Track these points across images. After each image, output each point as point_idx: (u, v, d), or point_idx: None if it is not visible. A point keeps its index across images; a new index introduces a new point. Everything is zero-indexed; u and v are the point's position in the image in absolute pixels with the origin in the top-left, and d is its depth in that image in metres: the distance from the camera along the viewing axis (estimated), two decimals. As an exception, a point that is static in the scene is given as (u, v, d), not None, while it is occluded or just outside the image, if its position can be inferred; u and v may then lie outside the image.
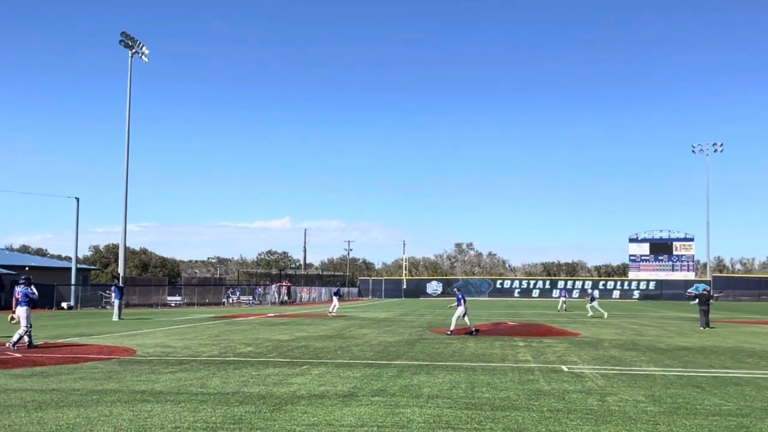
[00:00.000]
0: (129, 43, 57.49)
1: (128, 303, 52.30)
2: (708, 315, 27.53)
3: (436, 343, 19.44)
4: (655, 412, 9.13)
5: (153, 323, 29.35)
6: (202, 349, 17.40)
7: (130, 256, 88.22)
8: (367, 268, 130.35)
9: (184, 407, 9.23)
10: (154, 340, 20.42)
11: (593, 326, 28.07)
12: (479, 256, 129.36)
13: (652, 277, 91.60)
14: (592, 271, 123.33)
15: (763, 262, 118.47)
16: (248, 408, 9.18)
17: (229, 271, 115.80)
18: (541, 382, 11.74)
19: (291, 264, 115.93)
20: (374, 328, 26.43)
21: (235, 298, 61.31)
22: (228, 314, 39.47)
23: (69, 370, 13.21)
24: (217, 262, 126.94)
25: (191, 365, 14.02)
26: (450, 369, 13.50)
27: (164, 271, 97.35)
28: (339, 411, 8.99)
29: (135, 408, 9.16)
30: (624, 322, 32.16)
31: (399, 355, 16.19)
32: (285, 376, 12.40)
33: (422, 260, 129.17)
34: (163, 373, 12.70)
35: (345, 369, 13.43)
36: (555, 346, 18.44)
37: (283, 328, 25.62)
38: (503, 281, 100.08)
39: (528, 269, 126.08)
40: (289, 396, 10.17)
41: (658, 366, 14.34)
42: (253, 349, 17.46)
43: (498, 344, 18.92)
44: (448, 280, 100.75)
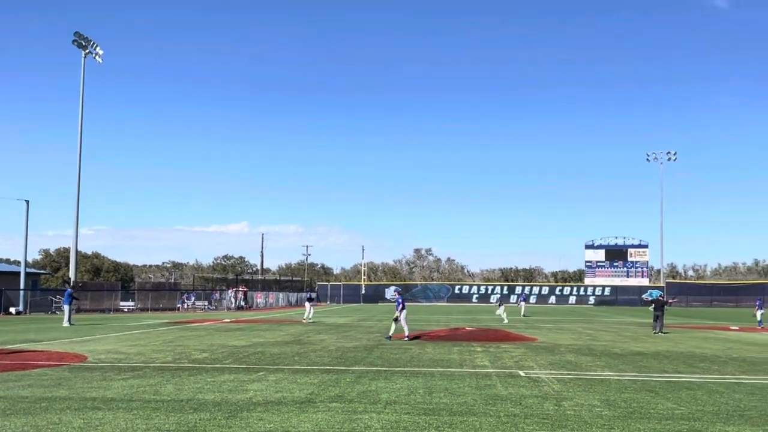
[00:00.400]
0: (82, 44, 56.38)
1: (79, 308, 51.17)
2: (662, 320, 28.22)
3: (394, 348, 19.42)
4: (609, 416, 9.24)
5: (105, 329, 28.73)
6: (156, 356, 17.08)
7: (81, 260, 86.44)
8: (326, 273, 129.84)
9: (136, 414, 9.03)
10: (106, 346, 19.99)
11: (550, 331, 28.38)
12: (438, 261, 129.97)
13: (608, 282, 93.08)
14: (549, 277, 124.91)
15: (715, 268, 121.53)
16: (203, 415, 9.02)
17: (184, 276, 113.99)
18: (499, 387, 11.79)
19: (248, 269, 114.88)
20: (332, 333, 26.30)
21: (190, 304, 60.43)
22: (183, 320, 38.85)
23: (17, 377, 12.82)
24: (172, 266, 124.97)
25: (144, 372, 13.74)
26: (408, 375, 13.47)
27: (117, 275, 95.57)
28: (296, 417, 8.89)
29: (85, 416, 8.94)
30: (580, 327, 32.60)
31: (357, 360, 16.11)
32: (241, 382, 12.23)
33: (381, 265, 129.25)
34: (115, 380, 12.42)
35: (302, 375, 13.31)
36: (512, 352, 18.57)
37: (239, 334, 25.32)
38: (462, 287, 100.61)
39: (486, 275, 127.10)
40: (244, 403, 10.02)
41: (613, 371, 14.54)
42: (209, 356, 17.19)
43: (456, 349, 18.98)
44: (407, 286, 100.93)
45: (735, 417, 9.30)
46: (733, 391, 11.69)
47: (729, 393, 11.50)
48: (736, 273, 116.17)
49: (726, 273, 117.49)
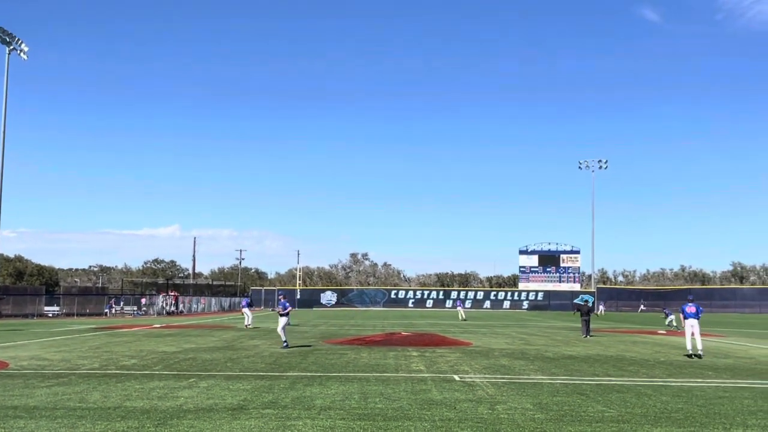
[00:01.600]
0: (6, 39, 54.24)
1: (1, 313, 49.12)
2: (589, 325, 29.07)
3: (329, 354, 19.27)
4: (542, 419, 9.36)
5: (28, 334, 27.61)
6: (82, 362, 16.49)
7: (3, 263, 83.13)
8: (260, 277, 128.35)
9: (60, 423, 8.69)
10: (29, 352, 19.20)
11: (484, 336, 28.70)
12: (374, 266, 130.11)
13: (541, 287, 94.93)
14: (483, 282, 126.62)
15: (644, 274, 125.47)
16: (131, 423, 8.73)
17: (112, 280, 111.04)
18: (434, 392, 11.81)
19: (179, 273, 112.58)
20: (266, 339, 25.95)
21: (118, 309, 58.78)
22: (110, 325, 37.70)
23: (-70, 385, 12.17)
24: (100, 270, 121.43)
25: (69, 379, 13.24)
26: (343, 380, 13.37)
27: (41, 279, 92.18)
28: (228, 425, 8.70)
29: (6, 425, 8.57)
30: (513, 331, 33.10)
31: (291, 366, 15.92)
32: (171, 389, 11.91)
33: (317, 270, 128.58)
34: (38, 387, 11.93)
35: (235, 381, 13.06)
36: (448, 356, 18.67)
37: (170, 340, 24.72)
38: (398, 291, 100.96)
39: (422, 280, 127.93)
40: (174, 410, 9.75)
41: (545, 374, 14.77)
42: (137, 362, 16.70)
43: (392, 354, 18.97)
44: (342, 290, 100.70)
45: (662, 419, 9.54)
46: (660, 394, 12.01)
47: (656, 395, 11.81)
48: (664, 278, 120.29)
49: (654, 278, 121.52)
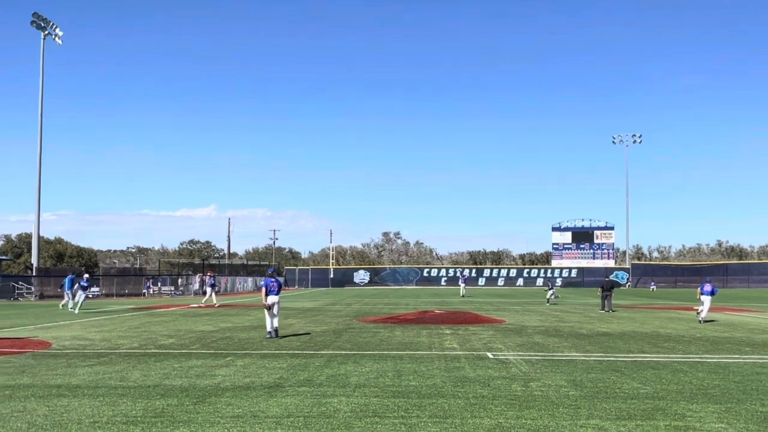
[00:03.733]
0: (41, 25, 55.06)
1: (42, 294, 50.36)
2: (611, 300, 30.22)
3: (363, 332, 19.44)
4: (576, 396, 9.36)
5: (69, 315, 28.30)
6: (122, 342, 16.88)
7: (44, 245, 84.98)
8: (294, 257, 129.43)
9: (102, 401, 8.92)
10: (71, 332, 19.69)
11: (517, 314, 28.67)
12: (406, 245, 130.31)
13: (574, 264, 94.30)
14: (517, 260, 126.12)
15: (679, 250, 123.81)
16: (170, 401, 8.94)
17: (149, 261, 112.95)
18: (467, 369, 11.87)
19: (215, 253, 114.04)
20: (300, 318, 26.24)
21: (156, 289, 59.85)
22: (149, 305, 38.45)
23: (-22, 365, 12.57)
24: (137, 251, 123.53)
25: (110, 358, 13.57)
26: (377, 358, 13.50)
27: (81, 261, 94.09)
28: (264, 402, 8.85)
29: (50, 403, 8.81)
30: (547, 309, 32.99)
31: (326, 344, 16.10)
32: (208, 367, 12.14)
33: (349, 249, 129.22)
34: (80, 367, 12.25)
35: (271, 360, 13.26)
36: (481, 334, 18.71)
37: (206, 319, 25.13)
38: (430, 270, 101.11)
39: (455, 258, 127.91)
40: (212, 388, 9.95)
41: (579, 351, 14.74)
42: (176, 341, 17.04)
43: (425, 332, 19.07)
44: (375, 269, 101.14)
45: (698, 395, 9.48)
46: (696, 370, 11.92)
47: (692, 372, 11.73)
48: (700, 254, 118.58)
49: (690, 254, 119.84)
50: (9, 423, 7.62)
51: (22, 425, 7.52)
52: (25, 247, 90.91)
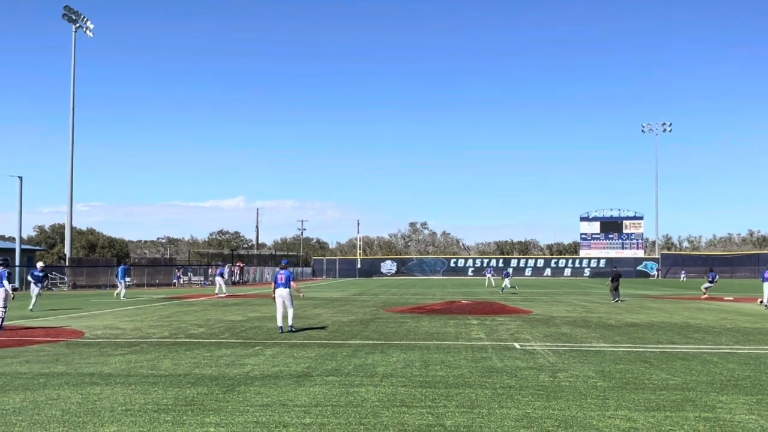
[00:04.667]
0: (72, 17, 55.78)
1: (75, 284, 51.21)
2: (619, 291, 30.74)
3: (390, 322, 19.50)
4: (604, 387, 9.32)
5: (101, 305, 28.78)
6: (153, 331, 17.13)
7: (77, 236, 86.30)
8: (321, 247, 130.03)
9: (134, 389, 9.08)
10: (103, 321, 20.03)
11: (545, 304, 28.54)
12: (433, 235, 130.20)
13: (603, 255, 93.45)
14: (544, 250, 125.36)
15: (710, 239, 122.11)
16: (200, 389, 9.07)
17: (179, 251, 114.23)
18: (494, 360, 11.87)
19: (243, 244, 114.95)
20: (328, 307, 26.39)
21: (186, 279, 60.56)
22: (179, 295, 38.94)
23: (14, 353, 12.86)
24: (167, 242, 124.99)
25: (141, 347, 13.79)
26: (404, 348, 13.55)
27: (112, 251, 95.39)
28: (293, 391, 8.95)
29: (83, 391, 8.98)
30: (575, 299, 32.79)
31: (353, 334, 16.19)
32: (238, 357, 12.29)
33: (377, 239, 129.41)
34: (112, 356, 12.46)
35: (299, 349, 13.37)
36: (508, 324, 18.67)
37: (235, 309, 25.39)
38: (457, 260, 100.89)
39: (482, 248, 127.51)
40: (242, 377, 10.08)
41: (607, 342, 14.65)
42: (205, 330, 17.26)
43: (452, 323, 19.08)
44: (402, 260, 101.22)
45: (729, 387, 9.39)
46: (726, 361, 11.79)
47: (723, 363, 11.60)
48: (731, 244, 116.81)
49: (721, 244, 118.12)
50: (44, 410, 7.79)
51: (57, 413, 7.68)
52: (58, 237, 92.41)
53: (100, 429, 6.91)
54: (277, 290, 16.50)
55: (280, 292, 16.45)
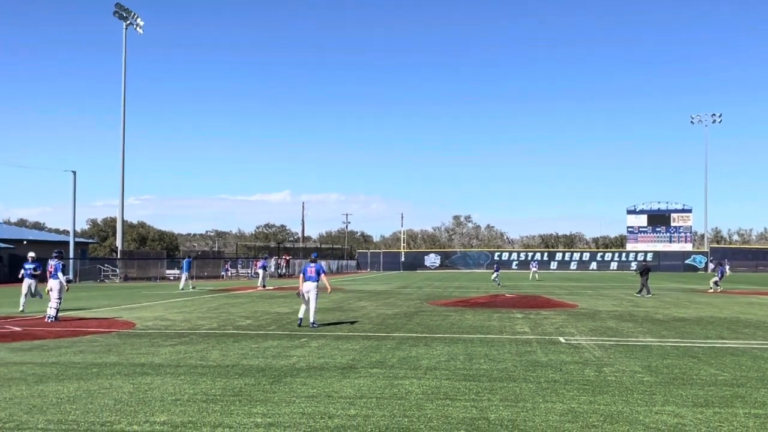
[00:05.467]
0: (123, 15, 57.03)
1: (127, 276, 52.42)
2: (647, 284, 30.33)
3: (434, 315, 19.53)
4: (651, 382, 9.21)
5: (151, 296, 29.44)
6: (201, 322, 17.48)
7: (128, 229, 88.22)
8: (366, 240, 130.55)
9: (183, 380, 9.29)
10: (153, 313, 20.50)
11: (590, 298, 28.21)
12: (477, 228, 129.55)
13: (650, 248, 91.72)
14: (590, 243, 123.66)
15: (761, 233, 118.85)
16: (248, 380, 9.24)
17: (227, 244, 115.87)
18: (539, 354, 11.81)
19: (289, 237, 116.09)
20: (372, 300, 26.53)
21: (233, 272, 61.50)
22: (226, 287, 39.60)
23: (68, 343, 13.26)
24: (216, 235, 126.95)
25: (190, 338, 14.08)
26: (448, 341, 13.57)
27: (162, 244, 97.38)
28: (338, 383, 9.05)
29: (135, 380, 9.22)
30: (621, 293, 32.33)
31: (397, 327, 16.27)
32: (284, 348, 12.47)
33: (420, 233, 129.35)
34: (162, 346, 12.76)
35: (344, 341, 13.50)
36: (553, 318, 18.53)
37: (281, 301, 25.70)
38: (501, 253, 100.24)
39: (526, 241, 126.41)
40: (288, 368, 10.23)
41: (654, 337, 14.44)
42: (252, 322, 17.53)
43: (496, 316, 19.02)
44: (446, 253, 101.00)
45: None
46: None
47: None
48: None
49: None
50: (97, 399, 8.03)
51: (109, 401, 7.91)
52: (110, 230, 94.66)
53: (151, 418, 7.10)
54: (305, 283, 16.06)
55: (308, 286, 16.03)
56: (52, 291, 17.52)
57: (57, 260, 18.04)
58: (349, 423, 6.89)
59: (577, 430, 6.68)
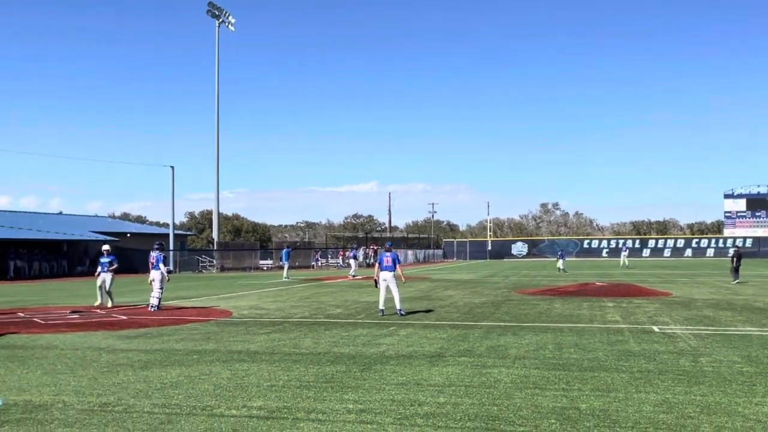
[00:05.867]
0: (216, 13, 58.93)
1: (223, 267, 54.30)
2: (738, 271, 29.72)
3: (521, 304, 19.39)
4: (751, 372, 8.90)
5: (246, 286, 30.42)
6: (294, 311, 17.97)
7: (223, 221, 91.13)
8: (452, 230, 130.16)
9: (278, 366, 9.63)
10: (249, 302, 21.21)
11: (685, 286, 27.29)
12: (565, 215, 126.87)
13: (749, 234, 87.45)
14: (684, 229, 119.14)
15: None
16: (339, 367, 9.49)
17: (317, 235, 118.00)
18: (631, 343, 11.59)
19: (376, 227, 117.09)
20: (459, 289, 26.54)
21: (323, 262, 62.70)
22: (317, 277, 40.45)
23: (171, 331, 13.94)
24: (306, 226, 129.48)
25: (284, 326, 14.53)
26: (536, 330, 13.48)
27: (256, 236, 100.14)
28: (427, 371, 9.18)
29: (233, 367, 9.62)
30: (718, 281, 31.09)
31: (485, 316, 16.26)
32: (374, 336, 12.70)
33: (507, 221, 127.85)
34: (257, 334, 13.23)
35: (432, 330, 13.62)
36: (645, 307, 18.07)
37: (370, 290, 26.04)
38: (590, 241, 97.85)
39: (616, 228, 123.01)
40: (378, 356, 10.43)
41: (755, 326, 13.88)
42: (343, 311, 17.90)
43: (585, 305, 18.70)
44: (533, 241, 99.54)
45: None
46: None
47: None
48: None
49: None
50: (197, 385, 8.44)
51: (209, 387, 8.30)
52: (206, 223, 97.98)
53: (248, 403, 7.41)
54: (382, 273, 16.19)
55: (384, 275, 16.16)
56: (154, 281, 18.39)
57: (158, 252, 18.92)
58: (438, 410, 7.00)
59: (673, 420, 6.56)
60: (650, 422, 6.49)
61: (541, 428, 6.31)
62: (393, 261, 16.32)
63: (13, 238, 44.75)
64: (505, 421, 6.59)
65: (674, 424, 6.44)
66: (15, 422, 6.66)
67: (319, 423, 6.55)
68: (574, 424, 6.46)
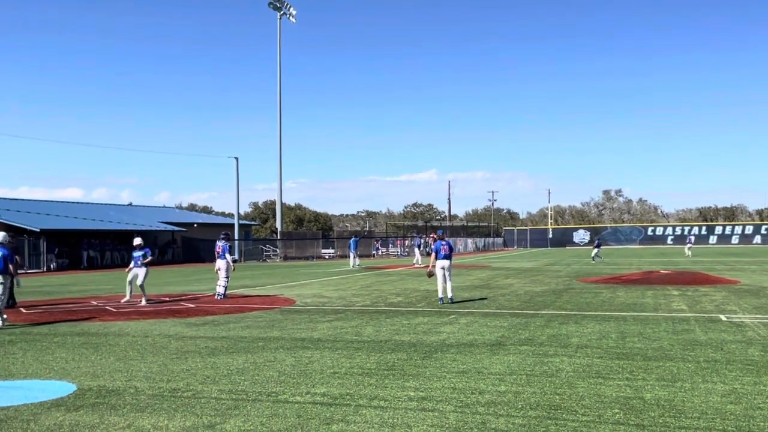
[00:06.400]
0: (277, 5, 59.63)
1: (286, 256, 55.17)
2: None
3: (584, 292, 19.15)
4: (824, 364, 8.63)
5: (309, 275, 30.87)
6: (355, 299, 18.19)
7: (286, 211, 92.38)
8: (512, 218, 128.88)
9: (341, 354, 9.80)
10: (311, 290, 21.55)
11: (754, 273, 26.44)
12: (629, 202, 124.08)
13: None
14: (753, 216, 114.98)
15: None
16: (400, 355, 9.60)
17: (377, 224, 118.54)
18: (697, 332, 11.35)
19: (436, 216, 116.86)
20: (520, 278, 26.35)
21: (384, 250, 63.01)
22: (378, 265, 40.71)
23: (236, 319, 14.30)
24: (366, 215, 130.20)
25: (346, 314, 14.73)
26: (599, 319, 13.32)
27: (318, 225, 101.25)
28: (488, 359, 9.20)
29: (296, 354, 9.83)
30: (793, 269, 30.01)
31: (546, 304, 16.14)
32: (434, 325, 12.77)
33: (568, 209, 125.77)
34: (320, 322, 13.46)
35: (492, 318, 13.61)
36: (712, 295, 17.62)
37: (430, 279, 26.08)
38: (655, 228, 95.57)
39: (682, 215, 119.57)
40: (438, 344, 10.50)
41: (830, 316, 13.40)
42: (403, 299, 18.03)
43: (650, 293, 18.35)
44: (595, 229, 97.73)
45: None
46: None
47: None
48: None
49: None
50: (262, 371, 8.66)
51: (273, 373, 8.51)
52: (270, 213, 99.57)
53: (312, 389, 7.58)
54: (439, 261, 16.37)
55: (443, 263, 16.33)
56: (220, 270, 18.86)
57: (224, 241, 19.39)
58: (499, 399, 7.03)
59: (741, 411, 6.44)
60: (717, 413, 6.39)
61: (605, 418, 6.28)
62: (450, 249, 16.63)
63: (86, 228, 46.40)
64: (567, 410, 6.57)
65: (742, 415, 6.32)
66: (89, 407, 6.98)
67: (381, 410, 6.66)
68: (638, 414, 6.40)
